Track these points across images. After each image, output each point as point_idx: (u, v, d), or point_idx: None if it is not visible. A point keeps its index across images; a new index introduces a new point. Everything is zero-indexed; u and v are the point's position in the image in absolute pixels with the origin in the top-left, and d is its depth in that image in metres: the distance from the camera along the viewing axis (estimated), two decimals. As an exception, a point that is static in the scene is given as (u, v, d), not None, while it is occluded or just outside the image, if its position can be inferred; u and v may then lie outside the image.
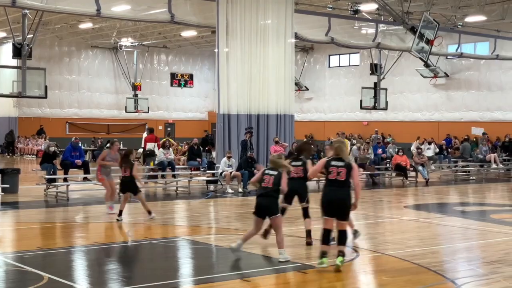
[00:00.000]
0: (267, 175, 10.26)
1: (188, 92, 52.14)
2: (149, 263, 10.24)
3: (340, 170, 9.77)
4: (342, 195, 9.80)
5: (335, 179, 9.83)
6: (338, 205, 9.85)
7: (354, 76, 44.34)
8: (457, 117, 39.52)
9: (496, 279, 9.71)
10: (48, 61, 41.84)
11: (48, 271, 9.93)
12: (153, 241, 12.54)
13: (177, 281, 9.63)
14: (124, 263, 11.12)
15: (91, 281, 9.50)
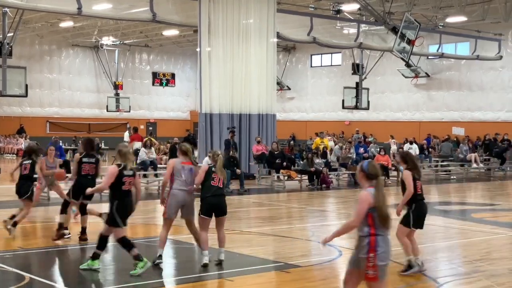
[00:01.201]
0: (215, 174, 10.10)
1: (170, 92, 52.15)
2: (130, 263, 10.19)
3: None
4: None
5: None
6: None
7: (336, 76, 44.49)
8: (438, 117, 39.76)
9: (477, 278, 9.81)
10: (28, 59, 41.65)
11: (29, 271, 9.92)
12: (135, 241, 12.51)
13: (160, 280, 9.64)
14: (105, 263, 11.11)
15: (72, 281, 9.50)
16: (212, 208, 9.89)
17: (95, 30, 42.15)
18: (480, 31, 35.09)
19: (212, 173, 10.02)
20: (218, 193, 9.97)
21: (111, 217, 9.57)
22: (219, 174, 10.07)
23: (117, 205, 9.49)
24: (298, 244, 12.53)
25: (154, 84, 51.52)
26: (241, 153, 24.62)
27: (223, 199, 10.13)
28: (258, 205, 19.29)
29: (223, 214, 10.09)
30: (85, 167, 11.38)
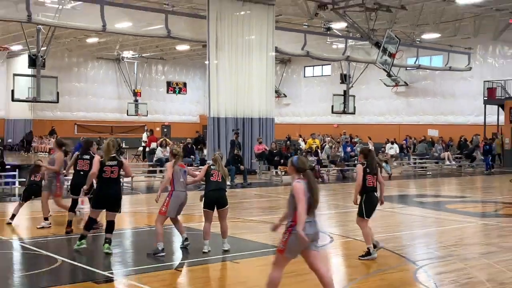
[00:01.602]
0: (215, 171, 9.97)
1: (182, 98, 52.20)
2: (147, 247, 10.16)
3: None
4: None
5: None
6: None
7: (326, 85, 44.44)
8: (415, 120, 39.78)
9: (452, 261, 9.77)
10: (59, 70, 41.54)
11: (61, 254, 9.88)
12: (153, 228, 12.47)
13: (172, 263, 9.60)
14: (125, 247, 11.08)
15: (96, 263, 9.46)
16: (212, 202, 9.82)
17: (117, 45, 42.14)
18: (452, 45, 35.15)
19: (211, 170, 9.93)
20: (218, 187, 9.83)
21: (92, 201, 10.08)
22: (219, 170, 9.98)
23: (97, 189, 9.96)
24: (294, 231, 12.47)
25: (168, 92, 51.63)
26: (244, 151, 24.59)
27: (223, 193, 9.97)
28: (259, 196, 19.27)
29: (223, 206, 9.92)
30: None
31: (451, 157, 31.05)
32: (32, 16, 21.39)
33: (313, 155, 25.74)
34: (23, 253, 10.34)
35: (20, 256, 10.23)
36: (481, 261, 9.74)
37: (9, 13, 21.20)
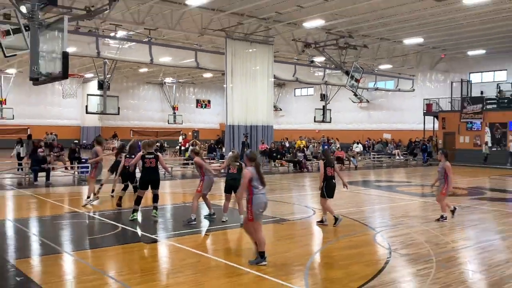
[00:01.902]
0: (233, 165, 9.93)
1: (207, 111, 52.27)
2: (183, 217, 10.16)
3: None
4: None
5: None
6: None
7: (310, 101, 44.34)
8: (374, 127, 39.71)
9: (400, 228, 9.77)
10: (119, 91, 41.60)
11: (121, 223, 9.91)
12: (187, 204, 12.50)
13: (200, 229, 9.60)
14: (166, 218, 11.06)
15: (147, 230, 9.47)
16: (230, 187, 9.81)
17: (161, 73, 42.22)
18: (400, 73, 35.10)
19: (229, 164, 10.03)
20: (234, 177, 9.69)
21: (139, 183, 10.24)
22: (236, 163, 10.00)
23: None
24: (288, 206, 12.50)
25: (197, 107, 51.69)
26: (252, 149, 24.59)
27: (238, 182, 9.73)
28: (262, 182, 19.32)
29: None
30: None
31: (400, 153, 31.11)
32: (100, 53, 21.45)
33: (301, 152, 25.78)
34: (94, 222, 10.39)
35: (91, 224, 10.28)
36: (421, 228, 9.73)
37: (84, 51, 21.27)
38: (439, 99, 33.82)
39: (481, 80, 33.11)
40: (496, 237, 9.11)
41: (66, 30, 9.74)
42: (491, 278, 6.53)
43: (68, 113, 44.19)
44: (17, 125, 40.28)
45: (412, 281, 6.43)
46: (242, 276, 6.48)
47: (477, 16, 22.76)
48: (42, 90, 41.14)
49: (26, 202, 12.92)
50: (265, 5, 21.17)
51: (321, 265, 7.16)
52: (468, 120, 30.69)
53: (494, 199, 14.39)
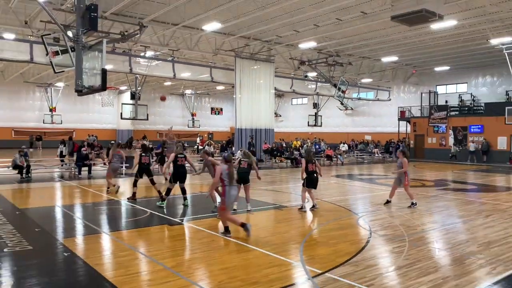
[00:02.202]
0: (244, 161, 9.72)
1: (220, 117, 52.19)
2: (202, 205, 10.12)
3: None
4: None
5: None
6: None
7: (304, 109, 44.26)
8: (357, 130, 39.58)
9: (379, 213, 9.71)
10: (148, 101, 41.70)
11: (149, 208, 9.92)
12: (203, 193, 12.48)
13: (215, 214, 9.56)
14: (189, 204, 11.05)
15: (172, 213, 9.46)
16: (241, 180, 9.63)
17: (182, 86, 42.30)
18: (379, 86, 34.98)
19: (241, 160, 9.87)
20: (244, 171, 9.60)
21: (171, 177, 10.08)
22: (246, 161, 9.86)
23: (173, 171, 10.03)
24: (286, 195, 12.47)
25: (211, 113, 51.62)
26: (256, 148, 24.56)
27: (247, 175, 9.78)
28: (265, 175, 19.22)
29: (246, 183, 9.66)
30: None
31: (378, 152, 30.95)
32: (132, 69, 21.53)
33: (297, 150, 25.70)
34: (127, 208, 10.40)
35: (124, 209, 10.28)
36: (396, 214, 9.68)
37: (119, 68, 21.34)
38: (411, 107, 33.68)
39: (445, 91, 32.95)
40: (458, 221, 9.05)
41: (104, 50, 9.77)
42: (454, 255, 6.48)
43: (106, 118, 44.29)
44: (65, 128, 40.45)
45: (389, 257, 6.40)
46: (248, 253, 6.46)
47: (442, 38, 22.66)
48: (84, 99, 41.31)
49: (71, 192, 12.97)
50: (268, 30, 21.17)
51: (313, 244, 7.14)
52: (435, 125, 30.57)
53: (456, 190, 14.30)
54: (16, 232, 7.52)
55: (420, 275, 5.54)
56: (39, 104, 40.06)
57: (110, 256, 6.34)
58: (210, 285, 5.14)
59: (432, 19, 13.81)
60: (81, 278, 5.44)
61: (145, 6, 17.33)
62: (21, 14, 17.32)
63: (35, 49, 17.01)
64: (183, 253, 6.58)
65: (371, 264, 5.95)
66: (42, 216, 9.13)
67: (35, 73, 33.95)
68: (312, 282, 5.27)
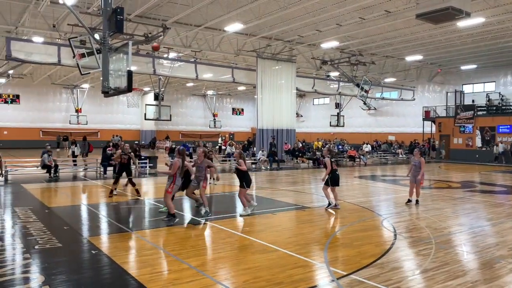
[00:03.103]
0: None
1: (241, 117, 52.36)
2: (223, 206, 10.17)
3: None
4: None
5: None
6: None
7: (326, 109, 43.97)
8: (380, 130, 39.03)
9: (404, 215, 9.56)
10: (171, 101, 42.28)
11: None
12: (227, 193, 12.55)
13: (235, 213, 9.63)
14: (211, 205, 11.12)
15: (197, 213, 9.51)
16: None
17: (204, 87, 42.64)
18: (403, 85, 34.37)
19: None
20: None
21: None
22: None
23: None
24: (308, 196, 12.41)
25: (233, 114, 51.82)
26: (278, 149, 24.52)
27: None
28: (287, 175, 19.19)
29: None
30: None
31: (402, 152, 30.43)
32: (156, 71, 21.81)
33: (319, 151, 25.54)
34: (151, 207, 10.54)
35: (148, 209, 10.42)
36: (421, 215, 9.51)
37: (143, 69, 21.66)
38: (436, 107, 33.01)
39: (472, 91, 32.12)
40: (486, 224, 8.82)
41: (130, 52, 9.95)
42: (483, 259, 6.31)
43: (130, 119, 45.11)
44: (90, 129, 41.43)
45: (415, 260, 6.28)
46: (272, 253, 6.47)
47: (469, 36, 22.11)
48: (109, 101, 42.18)
49: (97, 191, 13.25)
50: (289, 30, 21.12)
51: (337, 245, 7.08)
52: (461, 125, 29.85)
53: (484, 192, 13.93)
54: (46, 230, 7.74)
55: (448, 278, 5.42)
56: (65, 105, 41.13)
57: (135, 254, 6.45)
58: (235, 285, 5.17)
59: (459, 16, 13.47)
60: (108, 275, 5.55)
61: (168, 8, 17.57)
62: (49, 18, 17.83)
63: (63, 51, 17.46)
64: (207, 253, 6.63)
65: (397, 267, 5.86)
66: (70, 215, 9.37)
67: (62, 75, 34.89)
68: (337, 283, 5.23)
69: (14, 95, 38.78)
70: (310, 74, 30.05)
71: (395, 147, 31.83)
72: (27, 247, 6.65)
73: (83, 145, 22.87)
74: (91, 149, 23.23)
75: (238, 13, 17.65)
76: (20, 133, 38.78)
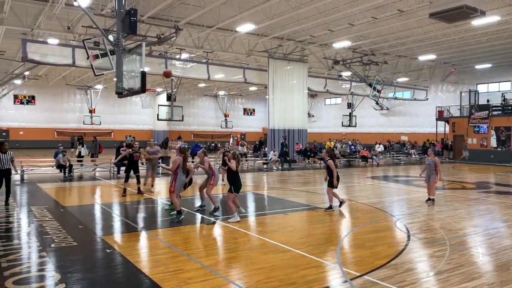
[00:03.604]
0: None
1: (252, 118, 52.40)
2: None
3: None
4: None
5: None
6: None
7: (338, 109, 43.73)
8: (393, 130, 38.68)
9: (417, 216, 9.46)
10: (183, 102, 42.44)
11: (185, 207, 10.06)
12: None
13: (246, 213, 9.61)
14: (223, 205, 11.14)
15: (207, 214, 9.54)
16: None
17: (215, 87, 42.76)
18: (416, 85, 33.99)
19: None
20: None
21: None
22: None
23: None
24: (320, 197, 12.34)
25: (244, 114, 51.88)
26: (289, 149, 24.46)
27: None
28: (298, 176, 19.15)
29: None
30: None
31: (415, 152, 30.12)
32: (168, 71, 21.92)
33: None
34: (163, 206, 10.59)
35: (160, 208, 10.46)
36: (435, 216, 9.40)
37: (156, 70, 21.77)
38: (449, 107, 32.57)
39: (487, 90, 31.64)
40: (502, 225, 8.68)
41: (143, 54, 10.04)
42: (499, 261, 6.21)
43: (143, 119, 45.48)
44: (104, 129, 41.91)
45: (429, 261, 6.21)
46: (284, 253, 6.46)
47: (484, 35, 21.78)
48: (122, 101, 42.59)
49: (110, 190, 13.39)
50: (301, 30, 21.07)
51: (350, 246, 7.04)
52: (476, 125, 29.41)
53: (500, 193, 13.71)
54: (62, 229, 7.86)
55: (463, 280, 5.35)
56: (79, 106, 41.67)
57: (149, 254, 6.50)
58: (248, 285, 5.18)
59: (474, 15, 13.29)
60: (123, 274, 5.61)
61: (181, 9, 17.67)
62: (64, 20, 18.07)
63: (77, 53, 17.67)
64: (220, 252, 6.65)
65: (411, 268, 5.80)
66: (84, 214, 9.49)
67: (76, 76, 35.34)
68: (350, 284, 5.20)
69: (29, 96, 39.44)
70: (322, 74, 29.92)
71: (408, 147, 31.53)
72: (43, 245, 6.76)
73: (94, 145, 22.35)
74: (101, 150, 22.95)
75: (250, 14, 17.66)
76: (35, 134, 39.40)
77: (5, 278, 5.30)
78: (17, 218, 8.92)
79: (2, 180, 10.22)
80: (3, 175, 10.19)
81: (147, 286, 5.15)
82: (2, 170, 10.13)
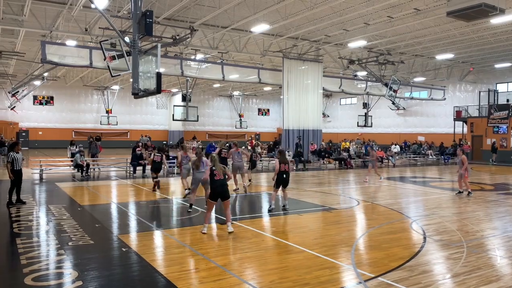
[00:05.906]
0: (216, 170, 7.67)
1: (267, 118, 52.37)
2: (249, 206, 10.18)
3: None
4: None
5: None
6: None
7: (353, 109, 43.40)
8: (410, 131, 38.16)
9: (433, 217, 9.33)
10: (198, 102, 42.76)
11: (199, 206, 10.12)
12: (253, 193, 12.57)
13: (260, 213, 9.61)
14: (236, 204, 11.15)
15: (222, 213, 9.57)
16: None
17: (230, 88, 42.89)
18: (433, 84, 33.49)
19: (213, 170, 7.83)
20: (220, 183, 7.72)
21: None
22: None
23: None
24: (335, 197, 12.28)
25: (258, 114, 51.90)
26: (304, 149, 24.39)
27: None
28: (313, 176, 19.05)
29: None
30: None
31: (432, 153, 29.68)
32: (184, 72, 22.08)
33: (346, 152, 25.25)
34: (179, 207, 10.68)
35: (175, 208, 10.55)
36: (452, 218, 9.26)
37: (171, 71, 21.99)
38: (467, 107, 32.02)
39: (507, 89, 30.98)
40: (522, 228, 8.49)
41: (159, 55, 10.15)
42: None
43: (158, 120, 45.91)
44: (120, 129, 42.46)
45: (446, 263, 6.13)
46: (298, 254, 6.45)
47: (503, 34, 21.34)
48: (138, 102, 43.09)
49: (127, 190, 13.55)
50: (316, 30, 20.98)
51: (365, 247, 6.99)
52: (495, 125, 28.84)
53: (520, 194, 13.41)
54: (79, 227, 8.00)
55: (480, 283, 5.26)
56: (96, 106, 42.31)
57: (164, 252, 6.57)
58: (261, 284, 5.19)
59: (493, 13, 13.02)
60: (138, 273, 5.69)
61: (196, 10, 17.79)
62: (81, 22, 18.40)
63: (94, 54, 17.96)
64: (234, 252, 6.68)
65: (427, 270, 5.73)
66: (101, 213, 9.64)
67: (93, 77, 35.91)
68: (364, 285, 5.17)
69: (48, 97, 40.22)
70: (337, 74, 29.76)
71: (425, 148, 31.10)
72: (61, 243, 6.89)
73: (94, 145, 20.31)
74: (100, 150, 21.08)
75: (265, 14, 17.68)
76: (53, 134, 40.16)
77: (25, 275, 5.43)
78: (36, 216, 9.12)
79: (20, 179, 10.45)
80: (19, 175, 10.42)
81: (162, 284, 5.21)
82: (17, 170, 10.37)
